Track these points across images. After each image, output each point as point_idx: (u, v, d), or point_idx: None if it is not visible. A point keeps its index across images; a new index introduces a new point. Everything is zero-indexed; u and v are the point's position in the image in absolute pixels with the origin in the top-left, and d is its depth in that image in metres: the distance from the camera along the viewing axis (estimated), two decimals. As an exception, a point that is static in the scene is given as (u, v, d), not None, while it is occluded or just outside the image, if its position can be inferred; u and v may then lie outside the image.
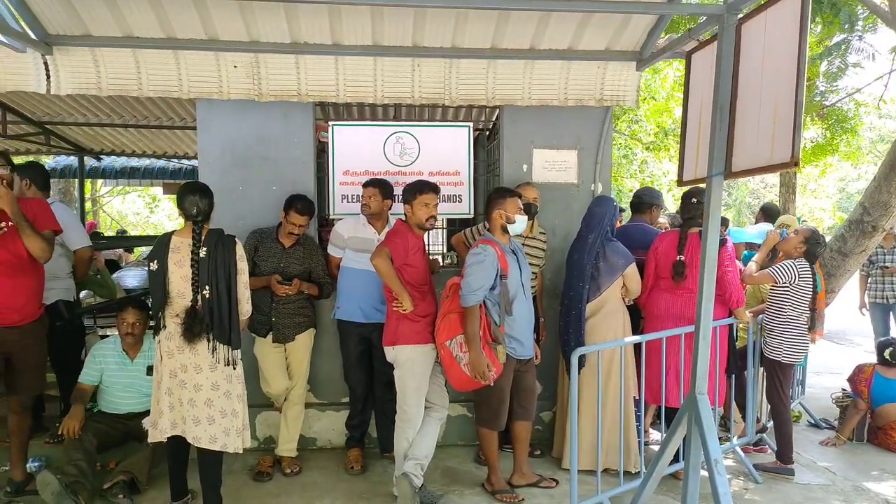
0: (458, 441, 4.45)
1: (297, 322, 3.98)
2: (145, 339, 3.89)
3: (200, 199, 3.14)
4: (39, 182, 4.10)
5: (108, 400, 3.93)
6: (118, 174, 10.71)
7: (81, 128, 7.78)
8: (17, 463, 3.64)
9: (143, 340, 3.90)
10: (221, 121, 4.27)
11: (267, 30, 3.84)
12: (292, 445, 4.03)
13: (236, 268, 3.16)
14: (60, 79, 3.89)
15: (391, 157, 4.45)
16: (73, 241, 4.22)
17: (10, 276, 3.34)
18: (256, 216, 4.20)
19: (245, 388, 3.27)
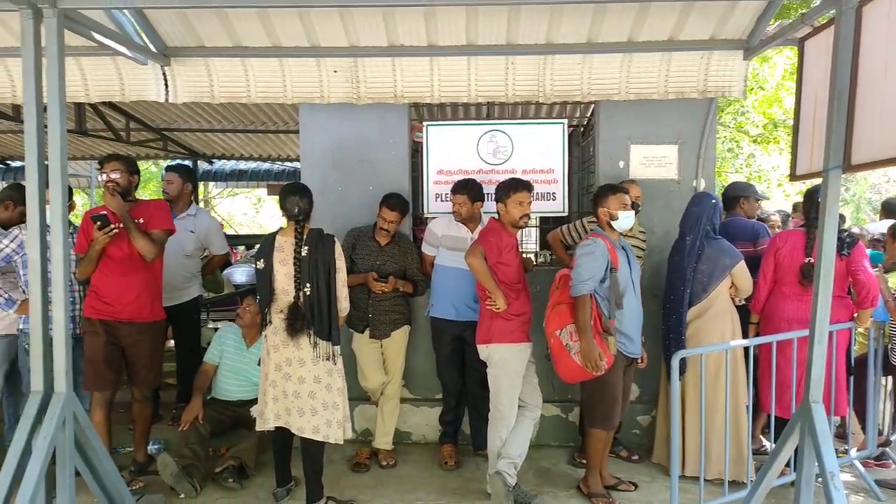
0: (551, 442, 4.40)
1: (392, 319, 4.07)
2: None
3: (300, 199, 3.29)
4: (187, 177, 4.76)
5: (221, 387, 4.21)
6: (227, 177, 11.36)
7: (195, 133, 8.32)
8: (140, 446, 3.95)
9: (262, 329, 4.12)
10: (322, 124, 4.44)
11: (365, 34, 3.95)
12: (388, 439, 4.14)
13: (335, 266, 3.28)
14: (177, 88, 4.18)
15: (484, 155, 4.46)
16: (217, 248, 4.80)
17: (122, 274, 3.62)
18: (354, 215, 4.33)
19: (345, 381, 3.39)
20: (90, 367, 3.63)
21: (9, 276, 3.78)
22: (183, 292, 4.56)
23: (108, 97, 4.28)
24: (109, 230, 3.46)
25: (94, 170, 10.90)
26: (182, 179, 4.68)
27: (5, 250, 3.55)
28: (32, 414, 2.84)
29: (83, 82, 4.14)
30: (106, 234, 3.45)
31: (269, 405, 3.37)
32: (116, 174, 3.56)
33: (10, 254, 3.56)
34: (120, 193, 3.55)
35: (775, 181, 13.32)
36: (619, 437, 4.18)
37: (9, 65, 4.09)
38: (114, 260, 3.58)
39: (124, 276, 3.61)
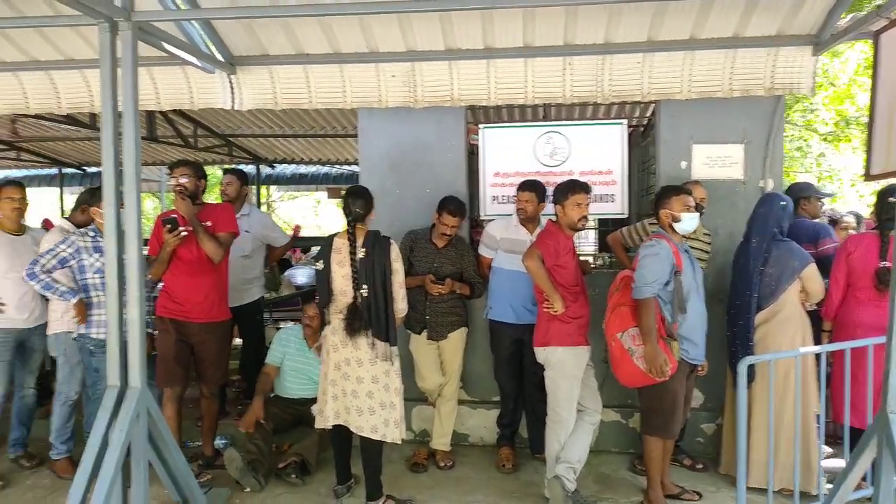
0: (611, 448, 4.33)
1: (449, 321, 4.09)
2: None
3: (355, 202, 3.37)
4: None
5: (284, 385, 4.32)
6: (288, 180, 11.65)
7: (258, 139, 8.57)
8: (208, 440, 4.10)
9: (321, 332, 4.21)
10: (380, 128, 4.50)
11: (422, 38, 3.99)
12: (446, 440, 4.16)
13: (391, 268, 3.32)
14: (243, 95, 4.32)
15: (541, 157, 4.44)
16: (277, 239, 4.96)
17: (191, 275, 3.76)
18: (411, 218, 4.37)
19: (402, 382, 3.43)
20: (162, 364, 3.79)
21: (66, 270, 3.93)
22: (245, 293, 4.70)
23: (177, 105, 4.46)
24: (179, 233, 3.60)
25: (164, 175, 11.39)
26: (240, 182, 4.86)
27: (62, 254, 3.73)
28: (109, 408, 2.98)
29: (155, 91, 4.34)
30: (176, 237, 3.60)
31: (329, 404, 3.44)
32: (185, 179, 3.71)
33: (66, 258, 3.74)
34: (188, 197, 3.70)
35: (847, 181, 12.71)
36: (682, 444, 4.07)
37: (87, 76, 4.31)
38: (183, 261, 3.73)
39: (193, 277, 3.75)
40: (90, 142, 8.75)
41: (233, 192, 4.79)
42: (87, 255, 3.72)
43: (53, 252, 3.68)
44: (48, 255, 3.68)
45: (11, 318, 3.92)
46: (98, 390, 3.76)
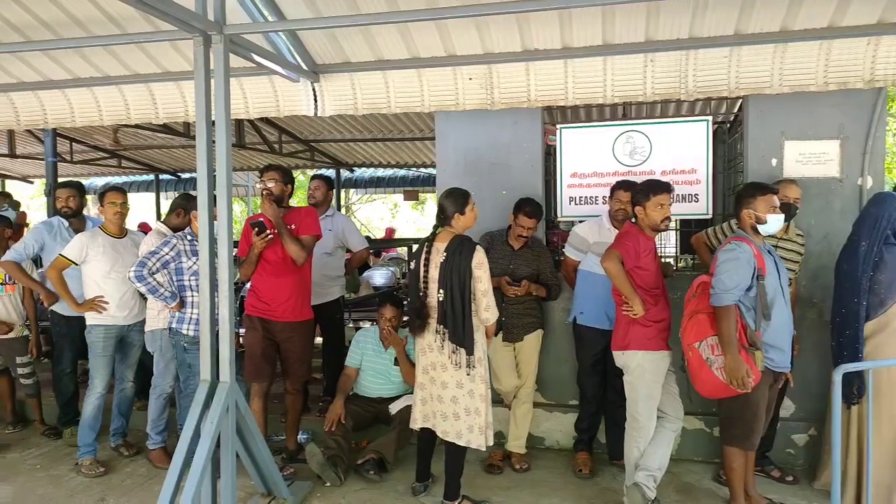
0: (693, 456, 4.18)
1: (525, 322, 4.07)
2: (399, 333, 4.27)
3: (441, 203, 3.41)
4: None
5: (363, 384, 4.42)
6: (367, 183, 11.94)
7: (338, 143, 8.81)
8: (291, 435, 4.25)
9: (397, 333, 4.28)
10: (457, 130, 4.54)
11: (499, 41, 3.99)
12: (521, 442, 4.14)
13: (471, 274, 3.28)
14: (325, 102, 4.46)
15: (620, 157, 4.34)
16: (355, 244, 5.05)
17: (276, 276, 3.90)
18: (488, 219, 4.37)
19: (489, 388, 3.41)
20: (250, 361, 3.96)
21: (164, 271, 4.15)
22: (326, 291, 4.84)
23: (265, 113, 4.66)
24: (266, 236, 3.75)
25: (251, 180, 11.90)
26: (327, 186, 5.06)
27: (164, 257, 3.95)
28: (201, 401, 3.15)
29: (244, 100, 4.54)
30: (263, 240, 3.76)
31: (418, 406, 3.50)
32: (273, 183, 3.86)
33: (168, 260, 3.96)
34: (275, 201, 3.85)
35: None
36: (771, 455, 3.88)
37: (182, 87, 4.57)
38: (269, 263, 3.88)
39: (278, 277, 3.90)
40: (184, 149, 9.27)
41: (320, 196, 4.98)
42: (185, 258, 3.93)
43: (158, 255, 3.91)
44: (153, 258, 3.90)
45: (113, 316, 4.20)
46: (190, 385, 3.97)
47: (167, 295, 3.91)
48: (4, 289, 4.45)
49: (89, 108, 4.80)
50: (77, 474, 4.07)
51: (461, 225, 3.39)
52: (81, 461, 4.12)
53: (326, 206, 5.02)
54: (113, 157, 9.96)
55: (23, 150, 9.10)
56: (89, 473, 4.05)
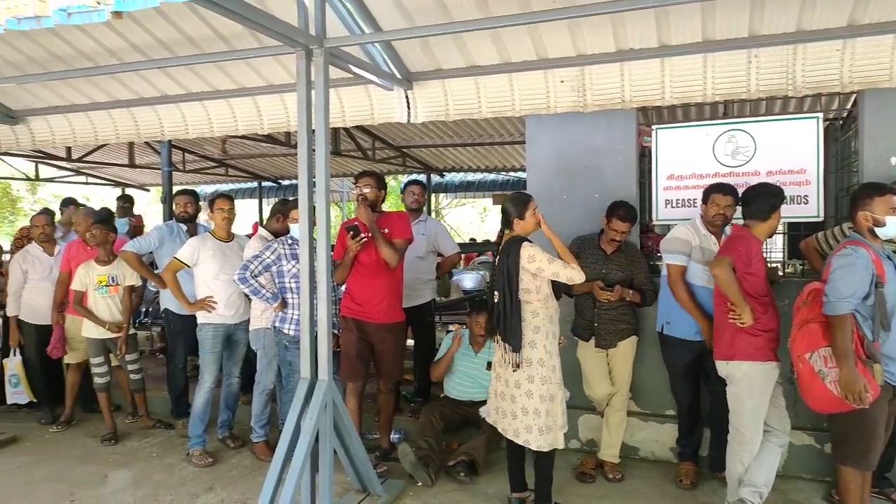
0: (801, 474, 3.93)
1: (618, 329, 3.98)
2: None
3: (504, 207, 3.42)
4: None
5: (452, 386, 4.47)
6: (457, 188, 12.05)
7: (429, 149, 8.96)
8: (384, 434, 4.36)
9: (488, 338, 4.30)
10: (548, 134, 4.51)
11: (592, 42, 3.94)
12: (615, 451, 4.04)
13: (517, 274, 3.24)
14: (418, 109, 4.56)
15: (722, 157, 4.16)
16: (447, 248, 5.13)
17: (370, 278, 4.01)
18: (579, 223, 4.32)
19: (560, 388, 3.35)
20: (346, 361, 4.09)
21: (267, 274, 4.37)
22: (418, 294, 4.93)
23: (360, 121, 4.82)
24: (360, 239, 3.88)
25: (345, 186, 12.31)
26: (423, 191, 5.17)
27: (266, 260, 4.16)
28: (301, 398, 3.30)
29: (341, 109, 4.72)
30: (357, 243, 3.88)
31: (491, 398, 3.54)
32: (367, 189, 3.99)
33: (269, 263, 4.16)
34: (369, 206, 3.97)
35: None
36: (892, 476, 3.59)
37: (285, 99, 4.81)
38: (363, 265, 4.01)
39: (372, 279, 4.02)
40: (284, 157, 9.72)
41: (418, 201, 5.10)
42: (285, 262, 4.13)
43: (260, 259, 4.14)
44: (256, 261, 4.13)
45: (221, 315, 4.47)
46: (290, 381, 4.16)
47: (268, 296, 4.11)
48: (109, 290, 4.81)
49: (201, 120, 5.14)
50: (188, 463, 4.35)
51: (522, 230, 3.36)
52: (192, 451, 4.40)
53: (419, 211, 5.13)
54: (220, 166, 10.60)
55: (141, 160, 9.87)
56: (199, 463, 4.32)
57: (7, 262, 5.96)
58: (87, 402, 5.38)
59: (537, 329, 3.28)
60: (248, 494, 3.84)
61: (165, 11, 3.90)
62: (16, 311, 5.23)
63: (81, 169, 11.15)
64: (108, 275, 4.79)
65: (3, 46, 4.52)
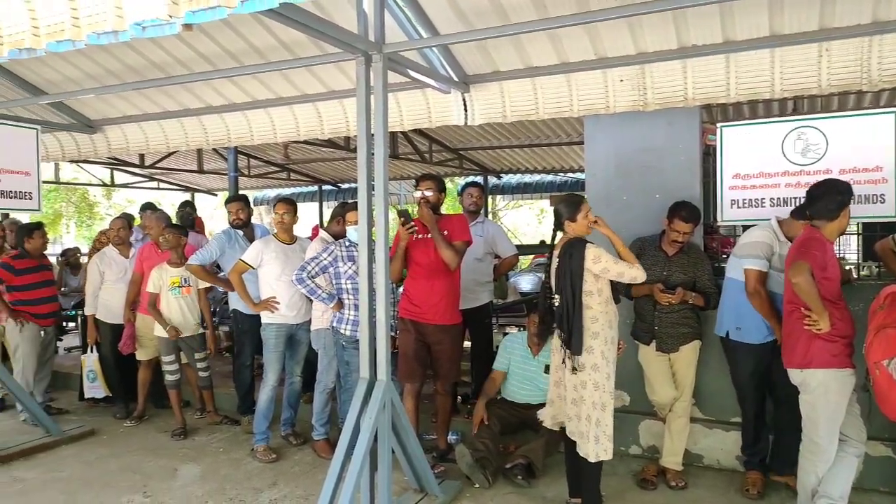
0: (879, 486, 3.74)
1: (680, 332, 3.88)
2: (549, 340, 4.26)
3: (556, 209, 3.39)
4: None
5: (510, 388, 4.46)
6: (514, 190, 12.00)
7: (486, 151, 8.96)
8: (441, 435, 4.39)
9: (547, 340, 4.27)
10: (606, 134, 4.44)
11: (653, 39, 3.86)
12: (677, 458, 3.94)
13: (581, 276, 3.19)
14: (475, 111, 4.57)
15: (791, 155, 4.01)
16: (504, 250, 5.12)
17: (428, 278, 4.04)
18: (639, 225, 4.23)
19: (611, 397, 3.25)
20: (404, 362, 4.14)
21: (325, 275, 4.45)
22: (476, 296, 4.94)
23: (418, 125, 4.87)
24: (410, 227, 3.91)
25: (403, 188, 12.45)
26: (480, 193, 5.18)
27: (323, 262, 4.25)
28: (360, 397, 3.36)
29: (399, 113, 4.78)
30: (407, 230, 3.90)
31: (548, 406, 3.51)
32: (429, 192, 4.04)
33: (326, 265, 4.25)
34: (431, 208, 4.01)
35: None
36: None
37: (344, 104, 4.91)
38: (421, 266, 4.05)
39: (429, 280, 4.05)
40: (344, 161, 9.90)
41: (480, 203, 5.13)
42: (341, 263, 4.21)
43: (317, 260, 4.24)
44: (313, 262, 4.24)
45: (283, 315, 4.59)
46: (348, 381, 4.24)
47: (324, 296, 4.21)
48: (181, 291, 5.01)
49: (265, 126, 5.31)
50: (253, 459, 4.49)
51: (574, 232, 3.32)
52: (256, 447, 4.54)
53: (478, 213, 5.15)
54: (283, 171, 10.91)
55: (208, 166, 10.26)
56: (263, 459, 4.46)
57: (86, 264, 6.31)
58: (158, 399, 5.63)
59: (596, 335, 3.23)
60: (310, 490, 3.93)
61: (232, 22, 4.06)
62: (93, 311, 5.52)
63: (153, 175, 11.68)
64: (181, 276, 5.00)
65: (84, 60, 4.80)
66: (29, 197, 4.64)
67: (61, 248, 10.10)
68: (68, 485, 4.13)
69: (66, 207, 21.26)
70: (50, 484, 4.15)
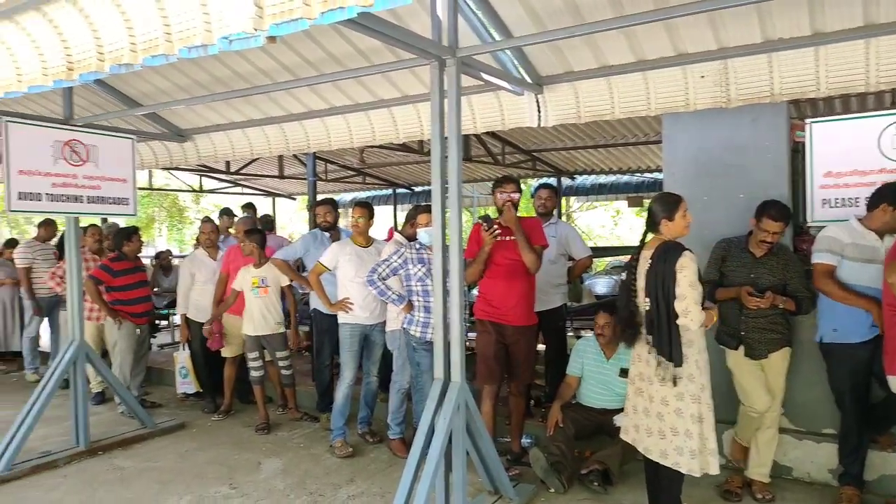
0: None
1: (769, 338, 3.70)
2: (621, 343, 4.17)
3: (650, 210, 3.27)
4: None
5: (585, 393, 4.39)
6: (588, 191, 11.80)
7: (560, 152, 8.86)
8: (515, 437, 4.38)
9: (617, 343, 4.19)
10: (686, 132, 4.31)
11: (735, 33, 3.71)
12: (764, 470, 3.77)
13: (675, 280, 3.01)
14: (548, 112, 4.53)
15: (888, 151, 3.76)
16: (578, 252, 5.08)
17: (508, 279, 4.05)
18: (721, 226, 4.08)
19: (710, 408, 3.10)
20: (483, 363, 4.14)
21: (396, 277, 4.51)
22: (549, 298, 4.90)
23: (490, 127, 4.87)
24: (494, 231, 3.92)
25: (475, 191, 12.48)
26: (550, 195, 5.15)
27: (393, 264, 4.32)
28: (435, 398, 3.39)
29: (472, 116, 4.80)
30: (492, 236, 3.92)
31: (629, 415, 3.39)
32: (517, 194, 4.06)
33: (396, 267, 4.32)
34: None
35: None
36: None
37: (419, 108, 4.97)
38: (502, 267, 4.05)
39: (510, 281, 4.06)
40: (417, 165, 10.03)
41: (552, 205, 5.11)
42: (411, 266, 4.27)
43: (388, 262, 4.33)
44: (383, 264, 4.34)
45: (356, 315, 4.72)
46: (419, 381, 4.30)
47: (394, 298, 4.29)
48: (260, 292, 5.21)
49: (342, 132, 5.45)
50: (331, 455, 4.62)
51: (670, 232, 3.15)
52: (334, 442, 4.68)
53: (548, 216, 5.10)
54: (359, 175, 11.17)
55: (289, 171, 10.64)
56: (340, 453, 4.58)
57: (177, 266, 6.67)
58: (243, 394, 5.88)
59: (690, 343, 3.06)
60: (386, 488, 4.00)
61: (312, 33, 4.19)
62: (185, 310, 5.83)
63: (238, 180, 12.22)
64: (260, 277, 5.22)
65: (175, 73, 5.08)
66: (126, 203, 4.95)
67: (154, 251, 10.72)
68: (162, 474, 4.38)
69: (159, 212, 22.56)
70: (146, 473, 4.42)
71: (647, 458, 3.28)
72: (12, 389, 6.75)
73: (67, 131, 4.59)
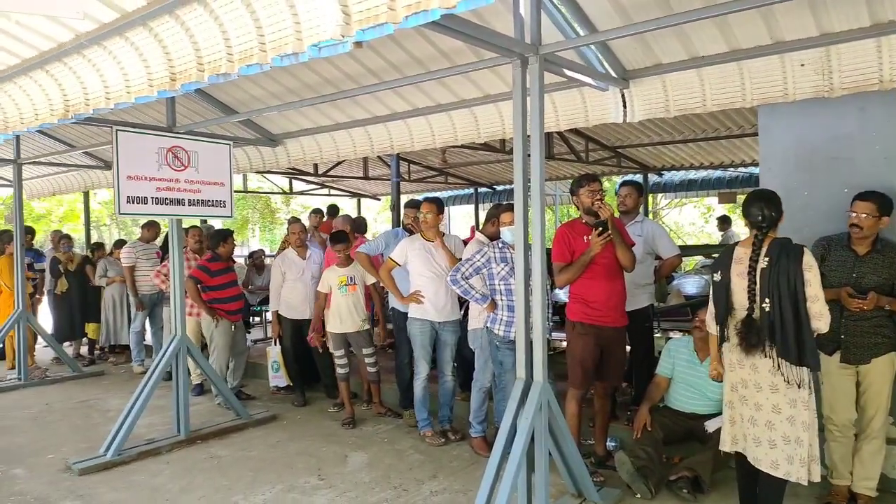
0: None
1: (872, 342, 3.46)
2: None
3: (766, 207, 3.09)
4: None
5: (675, 396, 4.25)
6: (677, 187, 11.39)
7: (646, 148, 8.59)
8: (600, 440, 4.29)
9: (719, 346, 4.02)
10: (784, 124, 4.09)
11: (839, 18, 3.48)
12: (871, 484, 3.52)
13: (802, 279, 2.94)
14: (635, 108, 4.41)
15: None
16: (665, 251, 4.92)
17: (608, 280, 3.97)
18: (822, 224, 3.84)
19: (815, 414, 3.00)
20: (579, 367, 4.01)
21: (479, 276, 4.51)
22: (635, 299, 4.77)
23: (573, 124, 4.80)
24: (606, 236, 3.85)
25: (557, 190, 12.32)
26: (638, 193, 5.01)
27: (476, 263, 4.34)
28: (517, 398, 3.38)
29: (555, 114, 4.74)
30: (604, 240, 3.84)
31: (727, 426, 3.25)
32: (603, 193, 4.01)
33: (479, 266, 4.33)
34: None
35: None
36: None
37: (500, 108, 4.96)
38: (602, 266, 3.96)
39: (609, 281, 3.98)
40: (499, 164, 10.01)
41: (631, 203, 4.96)
42: (494, 265, 4.28)
43: (471, 262, 4.36)
44: (467, 264, 4.37)
45: (425, 311, 4.82)
46: (502, 381, 4.30)
47: (478, 297, 4.31)
48: (347, 290, 5.36)
49: (425, 133, 5.52)
50: (414, 451, 4.70)
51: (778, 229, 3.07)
52: (423, 432, 4.83)
53: (636, 213, 4.96)
54: (440, 175, 11.28)
55: (373, 172, 10.89)
56: (432, 443, 4.72)
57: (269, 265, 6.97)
58: (330, 389, 6.07)
59: None
60: (468, 486, 4.03)
61: (396, 36, 4.27)
62: (276, 307, 6.09)
63: (325, 182, 12.62)
64: (347, 275, 5.37)
65: (267, 80, 5.31)
66: (223, 205, 5.21)
67: (248, 251, 11.25)
68: (255, 463, 4.60)
69: (252, 214, 23.64)
70: (240, 462, 4.64)
71: (742, 467, 3.16)
72: (121, 381, 7.27)
73: (170, 138, 4.89)
